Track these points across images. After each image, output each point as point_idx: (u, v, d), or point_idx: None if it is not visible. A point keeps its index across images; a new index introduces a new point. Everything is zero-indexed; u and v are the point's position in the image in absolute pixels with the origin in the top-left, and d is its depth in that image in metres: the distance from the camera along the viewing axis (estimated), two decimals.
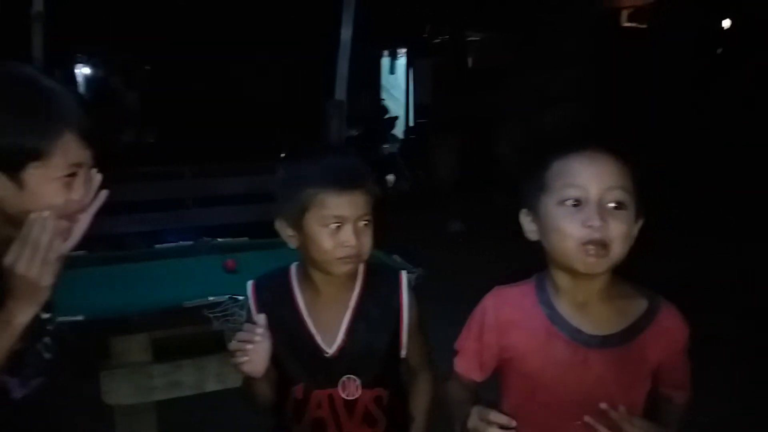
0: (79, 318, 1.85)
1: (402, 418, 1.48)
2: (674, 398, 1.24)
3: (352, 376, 1.36)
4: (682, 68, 7.57)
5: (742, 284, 4.34)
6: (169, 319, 1.97)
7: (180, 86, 8.78)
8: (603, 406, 1.11)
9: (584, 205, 1.11)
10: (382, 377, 1.40)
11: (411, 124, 10.33)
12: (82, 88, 10.84)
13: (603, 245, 1.10)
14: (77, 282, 2.21)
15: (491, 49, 9.15)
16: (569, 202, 1.12)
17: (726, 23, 8.49)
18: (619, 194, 1.11)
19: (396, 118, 10.18)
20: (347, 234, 1.30)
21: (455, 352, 1.33)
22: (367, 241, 1.33)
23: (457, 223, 6.57)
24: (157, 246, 2.66)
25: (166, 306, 1.97)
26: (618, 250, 1.12)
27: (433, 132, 8.80)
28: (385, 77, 11.80)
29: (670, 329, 1.21)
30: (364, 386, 1.37)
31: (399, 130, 10.33)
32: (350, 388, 1.37)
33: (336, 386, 1.36)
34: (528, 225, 1.22)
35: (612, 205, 1.11)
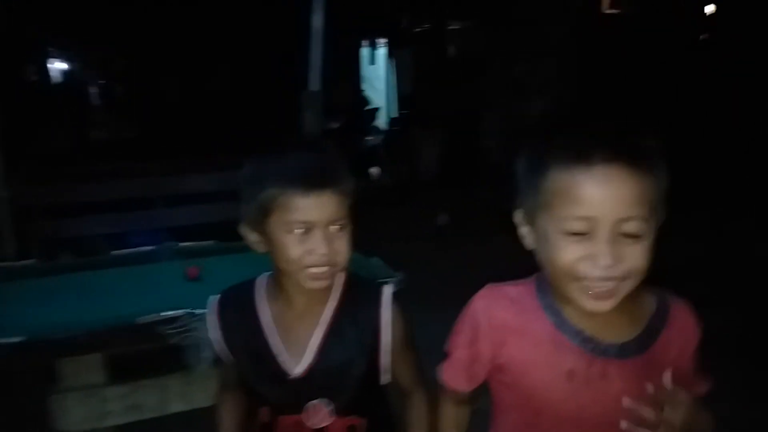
0: (19, 339, 1.65)
1: None
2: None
3: (323, 400, 1.20)
4: (664, 55, 7.46)
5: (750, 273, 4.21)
6: (120, 337, 1.77)
7: (155, 80, 8.55)
8: (624, 425, 0.92)
9: (592, 236, 0.90)
10: (358, 404, 1.23)
11: (393, 115, 10.13)
12: (54, 83, 10.57)
13: (612, 285, 0.91)
14: (18, 297, 2.02)
15: (472, 38, 8.97)
16: (573, 234, 0.91)
17: (710, 8, 8.39)
18: (635, 225, 0.89)
19: (377, 109, 9.96)
20: (316, 241, 1.12)
21: (444, 356, 1.15)
22: (341, 248, 1.16)
23: (445, 217, 6.42)
24: (114, 252, 2.44)
25: (117, 323, 1.77)
26: (632, 284, 0.92)
27: (416, 124, 8.64)
28: (366, 68, 11.59)
29: (685, 328, 1.04)
30: (337, 412, 1.20)
31: (381, 122, 10.13)
32: (319, 414, 1.20)
33: (301, 412, 1.20)
34: (522, 229, 1.02)
35: (627, 235, 0.89)
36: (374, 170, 8.97)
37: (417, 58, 9.53)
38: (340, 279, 1.24)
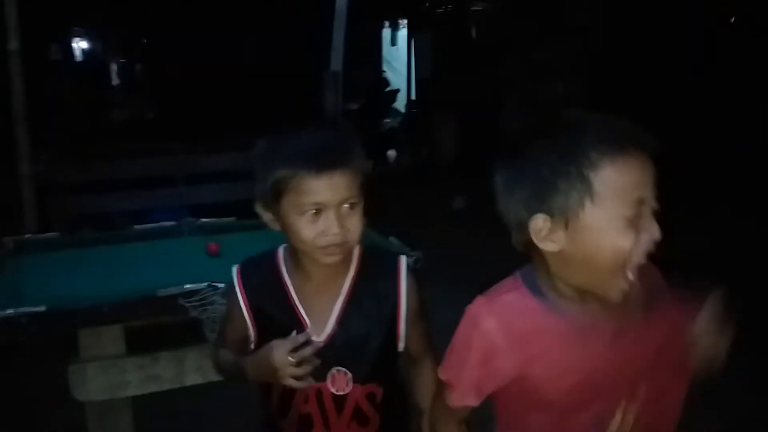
0: (41, 309, 1.68)
1: (398, 419, 1.34)
2: None
3: (342, 368, 1.22)
4: (692, 37, 7.29)
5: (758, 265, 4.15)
6: (142, 309, 1.79)
7: (177, 59, 8.57)
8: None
9: (641, 218, 0.94)
10: (376, 372, 1.25)
11: (413, 97, 10.06)
12: (79, 62, 10.66)
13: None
14: (41, 268, 2.06)
15: (495, 20, 8.86)
16: (628, 215, 0.93)
17: None
18: (650, 205, 0.96)
19: (397, 91, 9.90)
20: (328, 221, 1.14)
21: (445, 385, 1.10)
22: (354, 226, 1.17)
23: (461, 200, 6.38)
24: (136, 227, 2.47)
25: (138, 295, 1.79)
26: None
27: (435, 107, 8.58)
28: (387, 49, 11.52)
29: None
30: (355, 381, 1.23)
31: (401, 104, 10.07)
32: (340, 382, 1.22)
33: (325, 379, 1.22)
34: (544, 233, 0.96)
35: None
36: (392, 152, 8.95)
37: (438, 40, 9.43)
38: (356, 251, 1.26)
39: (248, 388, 1.33)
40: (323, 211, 1.13)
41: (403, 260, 1.28)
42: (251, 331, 1.27)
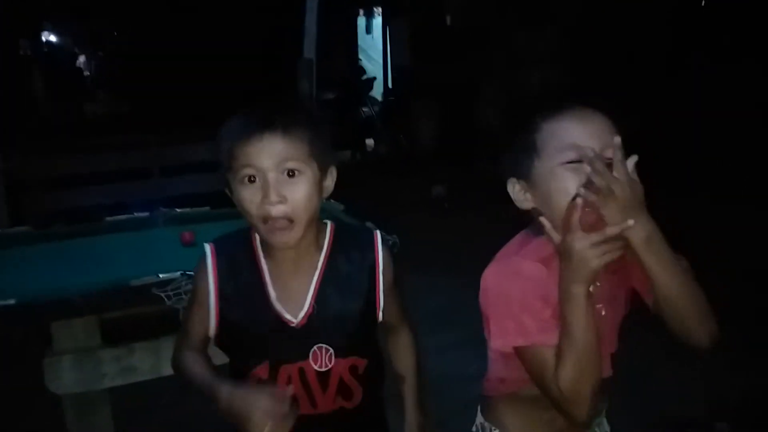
0: (10, 302, 1.65)
1: (380, 389, 1.33)
2: None
3: (323, 345, 1.20)
4: (668, 21, 7.33)
5: (740, 246, 4.21)
6: (115, 299, 1.77)
7: (149, 51, 8.45)
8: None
9: (581, 165, 1.02)
10: (357, 345, 1.24)
11: (390, 86, 10.04)
12: (49, 57, 10.46)
13: None
14: (11, 263, 2.02)
15: (471, 6, 8.85)
16: (569, 163, 1.04)
17: None
18: (614, 152, 1.00)
19: (374, 79, 9.88)
20: (266, 187, 1.09)
21: (521, 347, 1.10)
22: (295, 196, 1.11)
23: (440, 189, 6.39)
24: (109, 218, 2.43)
25: (110, 285, 1.77)
26: None
27: (413, 95, 8.57)
28: (362, 37, 11.47)
29: None
30: (337, 355, 1.21)
31: (377, 92, 10.05)
32: (322, 358, 1.21)
33: (306, 358, 1.20)
34: (518, 194, 1.13)
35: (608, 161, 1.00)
36: (370, 141, 8.93)
37: (414, 28, 9.41)
38: (327, 228, 1.25)
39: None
40: (259, 177, 1.10)
41: (378, 234, 1.27)
42: (212, 320, 1.22)
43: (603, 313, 1.12)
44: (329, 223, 1.26)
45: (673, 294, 1.05)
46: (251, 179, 1.10)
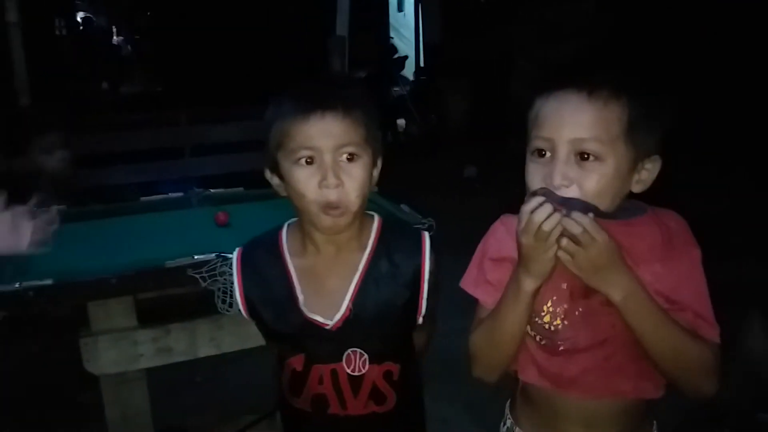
0: (48, 282, 1.65)
1: (415, 394, 1.30)
2: None
3: (357, 349, 1.16)
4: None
5: None
6: (150, 281, 1.76)
7: (182, 30, 8.47)
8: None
9: (550, 159, 0.97)
10: (393, 350, 1.20)
11: (422, 64, 9.90)
12: (83, 37, 10.56)
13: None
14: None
15: None
16: (534, 154, 1.00)
17: None
18: (591, 145, 0.95)
19: (405, 58, 9.74)
20: (323, 169, 1.05)
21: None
22: (353, 181, 1.07)
23: (472, 169, 6.31)
24: (143, 198, 2.43)
25: (146, 266, 1.76)
26: (597, 202, 0.95)
27: (444, 74, 8.43)
28: (394, 15, 11.33)
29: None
30: (371, 361, 1.17)
31: (409, 72, 9.92)
32: (356, 362, 1.17)
33: (340, 360, 1.16)
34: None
35: (581, 157, 0.95)
36: (401, 121, 8.84)
37: (445, 4, 9.24)
38: (374, 225, 1.19)
39: (263, 362, 1.30)
40: (318, 159, 1.06)
41: (427, 237, 1.21)
42: (246, 317, 1.24)
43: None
44: (376, 218, 1.20)
45: (658, 354, 0.98)
46: (309, 160, 1.06)
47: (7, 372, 2.52)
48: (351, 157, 1.08)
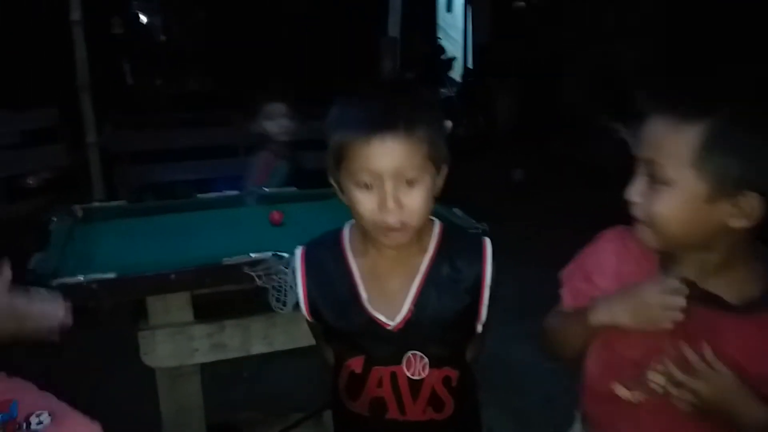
0: (111, 276, 1.69)
1: (472, 402, 1.30)
2: None
3: (418, 352, 1.16)
4: None
5: None
6: (208, 277, 1.79)
7: (236, 31, 8.60)
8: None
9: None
10: (453, 355, 1.20)
11: (469, 66, 9.83)
12: (140, 35, 10.83)
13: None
14: (109, 236, 2.08)
15: None
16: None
17: None
18: (656, 169, 0.97)
19: (453, 59, 9.70)
20: (382, 195, 1.04)
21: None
22: (413, 205, 1.05)
23: (520, 172, 6.24)
24: (200, 195, 2.48)
25: (204, 263, 1.79)
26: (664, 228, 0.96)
27: (492, 75, 8.36)
28: (442, 16, 11.28)
29: None
30: (431, 365, 1.16)
31: (456, 73, 9.87)
32: (416, 366, 1.16)
33: (400, 363, 1.16)
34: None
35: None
36: (448, 123, 8.80)
37: (495, 4, 9.15)
38: (435, 229, 1.19)
39: (311, 362, 1.30)
40: (377, 183, 1.04)
41: (489, 244, 1.20)
42: (308, 317, 1.24)
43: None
44: (438, 223, 1.20)
45: None
46: (368, 185, 1.05)
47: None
48: (411, 183, 1.06)
